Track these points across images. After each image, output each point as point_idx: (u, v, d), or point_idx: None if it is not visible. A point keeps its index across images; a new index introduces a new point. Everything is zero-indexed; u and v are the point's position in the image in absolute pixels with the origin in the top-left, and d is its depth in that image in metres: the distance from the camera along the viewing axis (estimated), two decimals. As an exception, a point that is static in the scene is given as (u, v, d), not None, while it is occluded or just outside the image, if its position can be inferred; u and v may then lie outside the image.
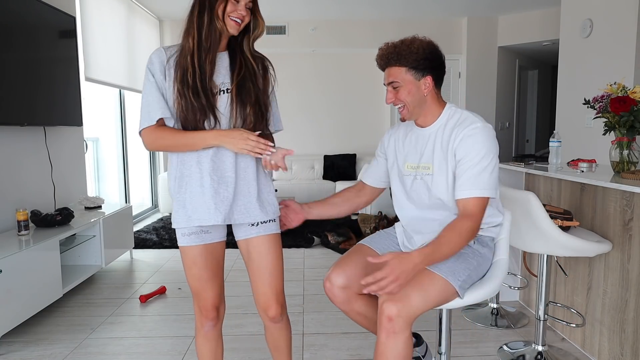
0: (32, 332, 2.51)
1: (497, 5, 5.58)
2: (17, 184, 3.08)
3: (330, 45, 6.19)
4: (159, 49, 1.49)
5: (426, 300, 1.36)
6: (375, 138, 6.77)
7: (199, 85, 1.38)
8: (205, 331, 1.56)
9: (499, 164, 1.52)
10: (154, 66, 1.46)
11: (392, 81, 1.56)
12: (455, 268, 1.43)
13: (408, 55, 1.53)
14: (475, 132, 1.45)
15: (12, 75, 2.82)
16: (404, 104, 1.55)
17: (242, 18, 1.41)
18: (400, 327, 1.32)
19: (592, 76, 4.01)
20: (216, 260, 1.54)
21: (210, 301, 1.52)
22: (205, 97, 1.38)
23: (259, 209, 1.50)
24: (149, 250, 4.21)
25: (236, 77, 1.43)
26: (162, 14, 5.79)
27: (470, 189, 1.43)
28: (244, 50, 1.48)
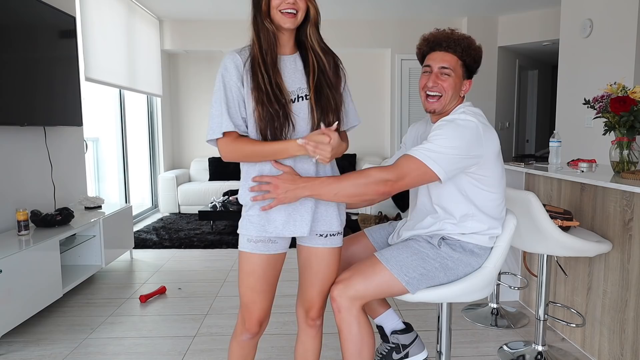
0: (32, 332, 2.51)
1: (497, 5, 5.58)
2: (17, 184, 3.08)
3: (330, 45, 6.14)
4: (232, 52, 1.37)
5: (367, 287, 1.44)
6: (375, 138, 6.77)
7: (270, 92, 1.30)
8: (241, 339, 1.53)
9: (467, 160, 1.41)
10: (229, 72, 1.34)
11: (445, 66, 1.51)
12: (406, 264, 1.46)
13: (471, 53, 1.52)
14: (452, 120, 1.43)
15: (12, 75, 2.82)
16: (442, 95, 1.51)
17: (293, 7, 1.29)
18: (344, 306, 1.44)
19: (592, 76, 4.01)
20: (275, 272, 1.47)
21: (256, 315, 1.47)
22: (278, 104, 1.30)
23: (337, 218, 1.46)
24: (149, 250, 4.21)
25: (312, 83, 1.36)
26: (162, 14, 5.79)
27: (420, 151, 1.38)
28: (314, 45, 1.39)
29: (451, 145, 1.38)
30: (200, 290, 3.15)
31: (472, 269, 1.52)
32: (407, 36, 6.24)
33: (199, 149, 6.72)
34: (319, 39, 1.40)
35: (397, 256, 1.47)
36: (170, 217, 5.63)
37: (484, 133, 1.44)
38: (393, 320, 1.76)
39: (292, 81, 1.36)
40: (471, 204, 1.50)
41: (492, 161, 1.47)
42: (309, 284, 1.50)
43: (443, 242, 1.52)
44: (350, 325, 1.45)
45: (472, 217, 1.51)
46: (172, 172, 6.03)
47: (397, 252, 1.49)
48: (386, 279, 1.45)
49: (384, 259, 1.47)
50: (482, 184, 1.49)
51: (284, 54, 1.39)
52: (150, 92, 5.63)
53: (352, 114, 1.54)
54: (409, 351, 1.71)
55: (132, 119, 5.59)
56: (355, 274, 1.46)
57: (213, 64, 6.56)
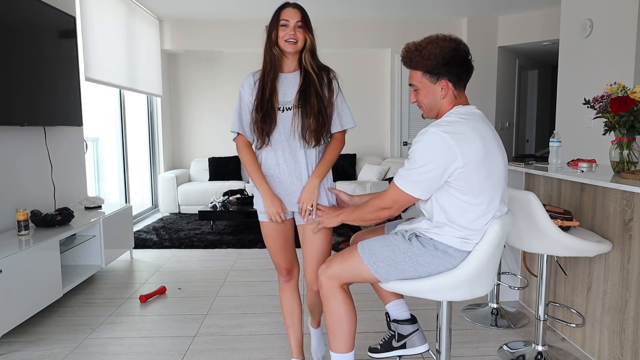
0: (33, 332, 2.51)
1: (497, 5, 5.58)
2: (17, 183, 3.08)
3: (330, 45, 6.19)
4: (250, 74, 1.85)
5: (343, 269, 1.63)
6: (375, 138, 6.77)
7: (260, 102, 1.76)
8: (280, 284, 2.00)
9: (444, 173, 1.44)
10: (245, 90, 1.83)
11: (410, 83, 1.61)
12: (377, 254, 1.58)
13: (419, 61, 1.53)
14: (422, 134, 1.48)
15: (12, 75, 2.82)
16: (422, 105, 1.61)
17: (294, 37, 1.73)
18: (325, 284, 1.65)
19: (592, 76, 4.01)
20: (285, 233, 1.89)
21: (282, 265, 1.93)
22: (266, 110, 1.75)
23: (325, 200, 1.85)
24: (149, 250, 4.21)
25: (299, 93, 1.77)
26: (162, 14, 5.79)
27: (398, 177, 1.53)
28: (307, 66, 1.80)
29: (420, 165, 1.46)
30: (200, 290, 3.15)
31: (444, 268, 1.53)
32: (407, 36, 6.24)
33: (199, 149, 6.72)
34: (312, 61, 1.81)
35: (371, 246, 1.60)
36: (170, 217, 5.63)
37: (457, 143, 1.42)
38: (399, 309, 1.84)
39: (284, 95, 1.78)
40: (444, 214, 1.51)
41: (474, 170, 1.44)
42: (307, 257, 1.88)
43: (415, 238, 1.57)
44: (328, 300, 1.65)
45: (446, 225, 1.52)
46: (172, 172, 6.03)
47: (372, 242, 1.62)
48: (357, 265, 1.60)
49: (360, 247, 1.62)
50: (461, 194, 1.46)
51: (288, 71, 1.81)
52: (150, 92, 5.63)
53: (347, 117, 1.89)
54: (407, 342, 1.79)
55: (132, 119, 5.59)
56: (336, 257, 1.66)
57: (213, 64, 6.56)
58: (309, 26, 1.79)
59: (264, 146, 1.80)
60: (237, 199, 5.06)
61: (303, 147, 1.77)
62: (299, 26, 1.73)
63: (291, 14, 1.73)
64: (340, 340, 1.66)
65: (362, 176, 6.16)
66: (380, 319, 2.63)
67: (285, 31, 1.72)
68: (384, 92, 6.64)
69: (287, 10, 1.74)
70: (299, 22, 1.73)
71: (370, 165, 6.21)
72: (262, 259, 3.83)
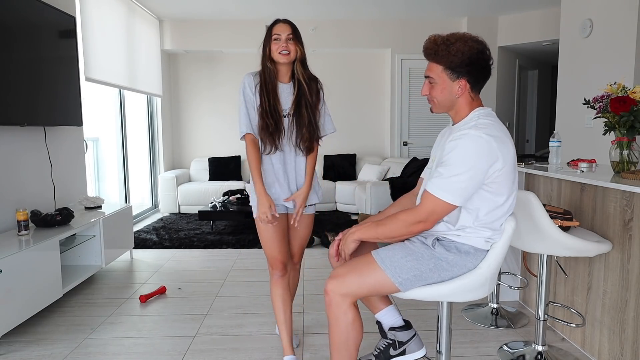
0: (32, 332, 2.51)
1: (497, 5, 5.58)
2: (17, 184, 3.08)
3: (330, 45, 6.19)
4: (249, 74, 2.00)
5: (360, 285, 1.51)
6: (375, 138, 6.77)
7: (269, 111, 1.93)
8: (274, 279, 2.10)
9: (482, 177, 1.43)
10: (246, 89, 1.98)
11: (428, 76, 1.57)
12: (400, 265, 1.50)
13: (445, 56, 1.51)
14: (461, 137, 1.43)
15: (12, 75, 2.82)
16: (433, 100, 1.58)
17: (286, 49, 1.90)
18: (336, 301, 1.52)
19: (592, 76, 4.01)
20: (280, 227, 2.05)
21: (279, 258, 2.06)
22: (274, 118, 1.93)
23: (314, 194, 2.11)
24: (149, 250, 4.21)
25: (294, 104, 1.97)
26: (162, 14, 5.79)
27: (434, 187, 1.45)
28: (299, 77, 1.97)
29: (463, 170, 1.41)
30: (200, 290, 3.15)
31: (466, 269, 1.52)
32: (407, 36, 6.25)
33: (199, 149, 6.72)
34: (303, 71, 1.99)
35: (392, 257, 1.51)
36: (170, 217, 5.63)
37: (498, 145, 1.42)
38: (392, 317, 1.78)
39: (285, 102, 1.99)
40: (473, 216, 1.50)
41: (510, 171, 1.47)
42: (293, 241, 2.17)
43: (437, 242, 1.52)
44: (338, 320, 1.54)
45: (471, 227, 1.51)
46: (172, 172, 6.03)
47: (392, 252, 1.53)
48: (380, 279, 1.50)
49: (379, 258, 1.51)
50: (494, 196, 1.49)
51: (284, 82, 2.00)
52: (150, 92, 5.63)
53: (329, 123, 2.10)
54: (406, 348, 1.72)
55: (132, 119, 5.59)
56: (350, 272, 1.52)
57: (213, 64, 6.56)
58: (300, 39, 1.96)
59: (272, 151, 1.98)
60: (237, 199, 5.06)
61: (295, 155, 2.02)
62: (290, 39, 1.91)
63: (282, 29, 1.92)
64: (345, 357, 1.59)
65: (362, 176, 6.16)
66: (380, 319, 2.63)
67: (278, 44, 1.90)
68: (384, 92, 6.64)
69: (279, 26, 1.93)
70: (290, 35, 1.91)
71: (370, 165, 6.21)
72: (262, 259, 3.83)
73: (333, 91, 6.65)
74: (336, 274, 1.54)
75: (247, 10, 5.65)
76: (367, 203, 5.34)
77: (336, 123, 6.68)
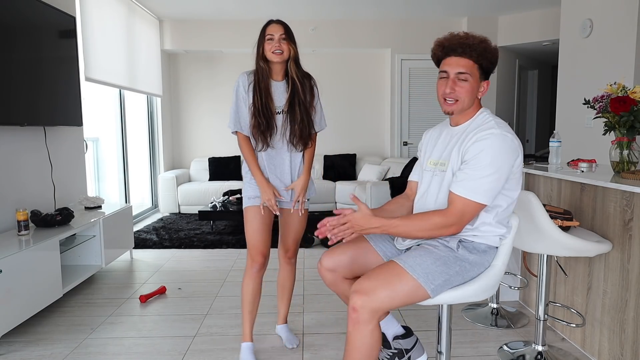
0: (32, 332, 2.51)
1: (497, 5, 5.58)
2: (17, 184, 3.08)
3: (330, 45, 6.19)
4: (244, 74, 2.07)
5: (392, 298, 1.40)
6: (375, 138, 6.77)
7: (261, 109, 2.00)
8: (251, 272, 2.12)
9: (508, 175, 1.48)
10: (240, 87, 2.06)
11: (462, 72, 1.51)
12: (431, 271, 1.44)
13: (488, 56, 1.52)
14: (487, 137, 1.44)
15: (12, 75, 2.82)
16: (458, 99, 1.52)
17: (279, 48, 1.97)
18: (364, 319, 1.38)
19: (592, 76, 4.01)
20: (267, 218, 2.12)
21: (260, 248, 2.09)
22: (265, 116, 2.00)
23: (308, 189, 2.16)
24: (149, 250, 4.21)
25: (287, 101, 2.04)
26: (162, 14, 5.79)
27: (464, 189, 1.45)
28: (293, 75, 2.03)
29: (492, 171, 1.43)
30: (200, 290, 3.15)
31: (483, 268, 1.55)
32: (407, 36, 6.24)
33: (199, 149, 6.72)
34: (297, 70, 2.05)
35: (421, 263, 1.45)
36: (170, 217, 5.63)
37: (518, 142, 1.49)
38: (394, 325, 1.77)
39: (278, 99, 2.05)
40: (493, 214, 1.52)
41: (521, 166, 1.52)
42: (287, 235, 2.21)
43: (460, 244, 1.52)
44: (364, 338, 1.40)
45: (489, 224, 1.53)
46: (172, 172, 6.03)
47: (421, 259, 1.46)
48: (413, 288, 1.42)
49: (409, 267, 1.44)
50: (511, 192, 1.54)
51: (277, 80, 2.06)
52: (150, 92, 5.63)
53: (322, 119, 2.17)
54: (411, 355, 1.71)
55: (132, 119, 5.59)
56: (380, 285, 1.40)
57: (213, 64, 6.56)
58: (292, 39, 2.02)
59: (264, 148, 2.05)
60: (237, 199, 5.06)
61: (290, 151, 2.08)
62: (283, 39, 1.98)
63: (275, 29, 1.98)
64: None
65: (362, 176, 6.16)
66: (380, 319, 2.63)
67: (271, 44, 1.97)
68: (384, 92, 6.64)
69: (272, 26, 2.00)
70: (283, 34, 1.98)
71: (370, 165, 6.21)
72: (262, 259, 3.83)
73: (333, 91, 6.66)
74: (363, 289, 1.39)
75: (247, 10, 5.65)
76: (367, 203, 5.33)
77: (336, 123, 6.78)
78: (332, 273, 1.71)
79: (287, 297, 2.35)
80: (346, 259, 1.70)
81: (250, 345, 2.17)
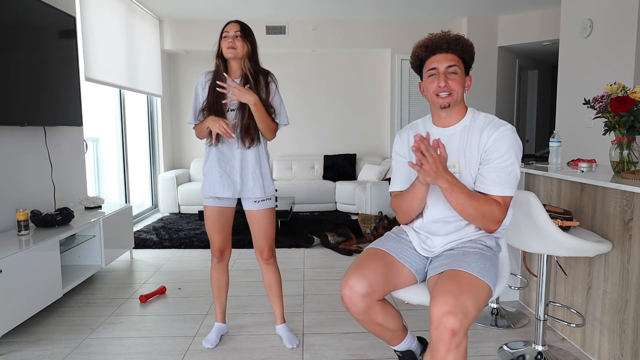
0: (32, 332, 2.51)
1: (497, 5, 5.58)
2: (17, 184, 3.08)
3: (330, 45, 6.19)
4: (204, 73, 2.21)
5: (478, 309, 1.35)
6: (375, 138, 6.77)
7: (212, 104, 2.10)
8: (214, 265, 2.33)
9: None
10: (198, 86, 2.20)
11: (452, 65, 1.54)
12: (492, 273, 1.47)
13: (468, 50, 1.57)
14: (507, 134, 1.52)
15: (12, 75, 2.82)
16: (452, 92, 1.55)
17: (232, 46, 2.05)
18: (461, 340, 1.29)
19: (592, 76, 4.01)
20: (224, 219, 2.26)
21: (216, 246, 2.28)
22: (215, 113, 2.09)
23: (261, 189, 2.19)
24: (149, 250, 4.21)
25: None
26: (162, 14, 5.79)
27: (504, 187, 1.51)
28: (247, 72, 2.10)
29: (517, 164, 1.53)
30: (200, 290, 3.15)
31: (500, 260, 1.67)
32: (407, 36, 6.24)
33: (199, 149, 6.72)
34: (251, 66, 2.11)
35: (484, 268, 1.45)
36: (170, 217, 5.63)
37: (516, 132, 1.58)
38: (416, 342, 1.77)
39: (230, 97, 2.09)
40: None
41: None
42: (258, 236, 2.26)
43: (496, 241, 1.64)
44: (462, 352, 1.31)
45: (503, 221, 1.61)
46: (172, 172, 6.03)
47: (483, 264, 1.46)
48: (487, 294, 1.40)
49: (481, 274, 1.42)
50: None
51: (235, 77, 2.14)
52: (150, 92, 5.63)
53: (282, 115, 2.20)
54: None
55: (132, 119, 5.59)
56: (466, 299, 1.32)
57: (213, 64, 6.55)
58: (248, 37, 2.09)
59: (214, 143, 2.12)
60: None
61: (240, 148, 2.12)
62: (237, 36, 2.06)
63: (231, 27, 2.08)
64: None
65: (362, 176, 6.16)
66: (380, 319, 2.63)
67: (226, 41, 2.06)
68: (384, 92, 6.64)
69: (229, 25, 2.10)
70: (238, 32, 2.06)
71: (370, 165, 6.21)
72: (262, 259, 3.83)
73: (333, 91, 6.66)
74: (457, 309, 1.28)
75: (247, 10, 5.65)
76: (367, 203, 5.34)
77: (336, 123, 6.78)
78: (368, 298, 1.50)
79: (278, 297, 2.37)
80: (380, 277, 1.52)
81: (220, 326, 2.40)
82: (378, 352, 2.24)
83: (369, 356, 2.21)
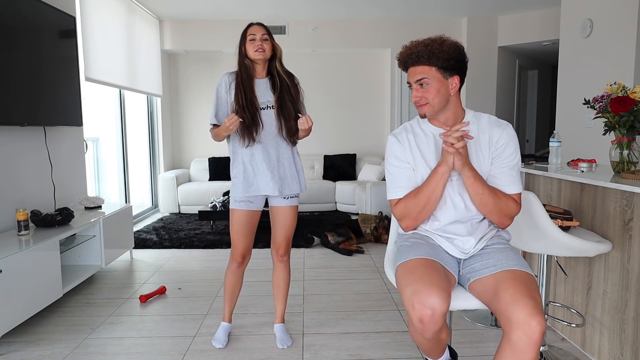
0: (32, 332, 2.51)
1: (497, 5, 5.58)
2: (17, 184, 3.08)
3: (330, 45, 6.19)
4: (226, 74, 2.18)
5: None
6: (375, 138, 6.77)
7: (245, 105, 2.09)
8: (232, 268, 2.29)
9: None
10: (221, 86, 2.17)
11: (420, 78, 1.57)
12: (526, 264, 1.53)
13: (440, 54, 1.53)
14: (512, 132, 1.60)
15: (12, 75, 2.82)
16: (427, 102, 1.58)
17: (261, 48, 2.09)
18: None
19: (592, 76, 4.01)
20: (252, 222, 2.23)
21: (240, 250, 2.25)
22: (250, 113, 2.09)
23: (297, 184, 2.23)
24: (149, 250, 4.21)
25: (277, 97, 2.15)
26: (162, 14, 5.79)
27: (517, 185, 1.59)
28: (279, 72, 2.17)
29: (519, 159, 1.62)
30: (200, 290, 3.15)
31: None
32: (407, 36, 6.24)
33: (199, 149, 6.73)
34: (281, 68, 2.18)
35: (524, 262, 1.52)
36: (170, 217, 5.63)
37: None
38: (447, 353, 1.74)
39: (263, 96, 2.15)
40: None
41: None
42: (278, 232, 2.27)
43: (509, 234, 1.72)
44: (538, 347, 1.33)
45: None
46: (172, 172, 6.03)
47: (521, 259, 1.53)
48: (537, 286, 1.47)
49: (528, 269, 1.48)
50: None
51: (260, 78, 2.18)
52: (150, 92, 5.63)
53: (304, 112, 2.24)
54: None
55: (132, 119, 5.59)
56: (538, 296, 1.36)
57: (213, 64, 6.56)
58: (273, 39, 2.16)
59: (251, 143, 2.13)
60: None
61: (277, 145, 2.16)
62: (264, 39, 2.11)
63: (257, 30, 2.12)
64: None
65: (362, 176, 6.16)
66: (380, 318, 2.64)
67: (254, 44, 2.09)
68: (384, 92, 6.64)
69: (254, 27, 2.13)
70: (265, 34, 2.11)
71: (370, 165, 6.21)
72: (262, 259, 3.83)
73: (333, 91, 6.66)
74: (538, 310, 1.31)
75: (247, 10, 5.65)
76: (367, 203, 5.34)
77: (336, 123, 6.79)
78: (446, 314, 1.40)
79: (283, 297, 2.39)
80: (449, 288, 1.44)
81: (227, 325, 2.40)
82: (378, 352, 2.24)
83: (369, 356, 2.21)
